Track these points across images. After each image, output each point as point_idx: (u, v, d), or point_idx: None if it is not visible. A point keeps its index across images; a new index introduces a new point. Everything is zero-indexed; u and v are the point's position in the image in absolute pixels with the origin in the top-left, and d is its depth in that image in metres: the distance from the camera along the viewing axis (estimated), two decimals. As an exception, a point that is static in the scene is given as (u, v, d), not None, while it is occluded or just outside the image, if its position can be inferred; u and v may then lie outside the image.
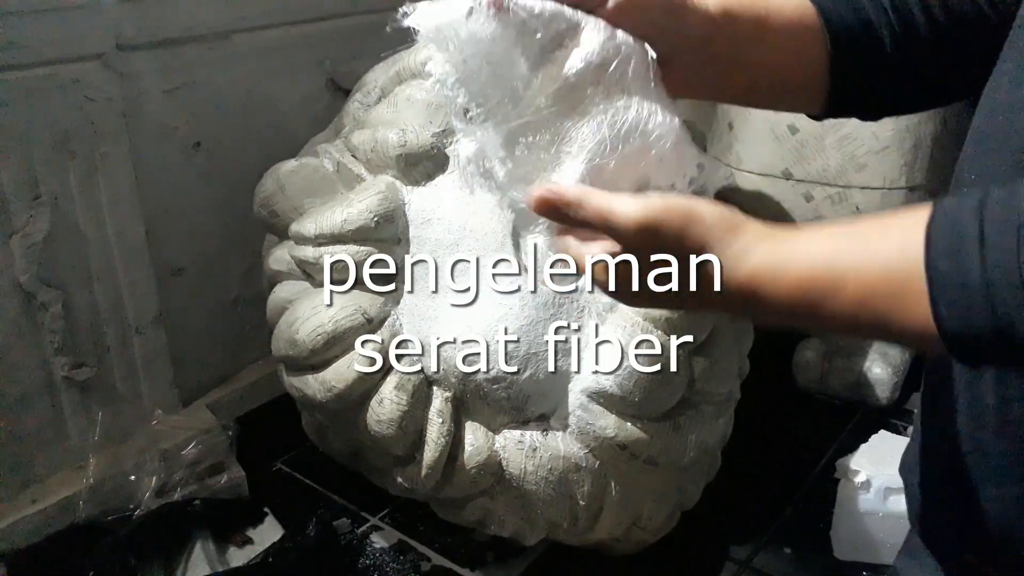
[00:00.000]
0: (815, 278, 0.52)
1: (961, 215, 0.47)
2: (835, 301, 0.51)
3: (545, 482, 1.22)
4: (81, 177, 1.39)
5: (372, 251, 1.23)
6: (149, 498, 1.42)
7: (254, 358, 1.77)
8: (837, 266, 0.51)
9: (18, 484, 1.41)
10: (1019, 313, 0.45)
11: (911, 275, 0.48)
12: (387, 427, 1.20)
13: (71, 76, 1.35)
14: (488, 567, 1.43)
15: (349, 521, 1.53)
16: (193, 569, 1.42)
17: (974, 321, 0.46)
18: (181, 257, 1.61)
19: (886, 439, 1.62)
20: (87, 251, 1.42)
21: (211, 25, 1.56)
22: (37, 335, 1.39)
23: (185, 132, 1.57)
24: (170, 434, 1.51)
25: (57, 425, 1.44)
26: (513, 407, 1.21)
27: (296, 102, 1.74)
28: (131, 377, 1.53)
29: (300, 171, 1.32)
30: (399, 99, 1.30)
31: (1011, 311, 0.45)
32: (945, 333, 0.48)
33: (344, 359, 1.22)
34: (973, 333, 0.47)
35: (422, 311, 1.23)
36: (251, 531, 1.52)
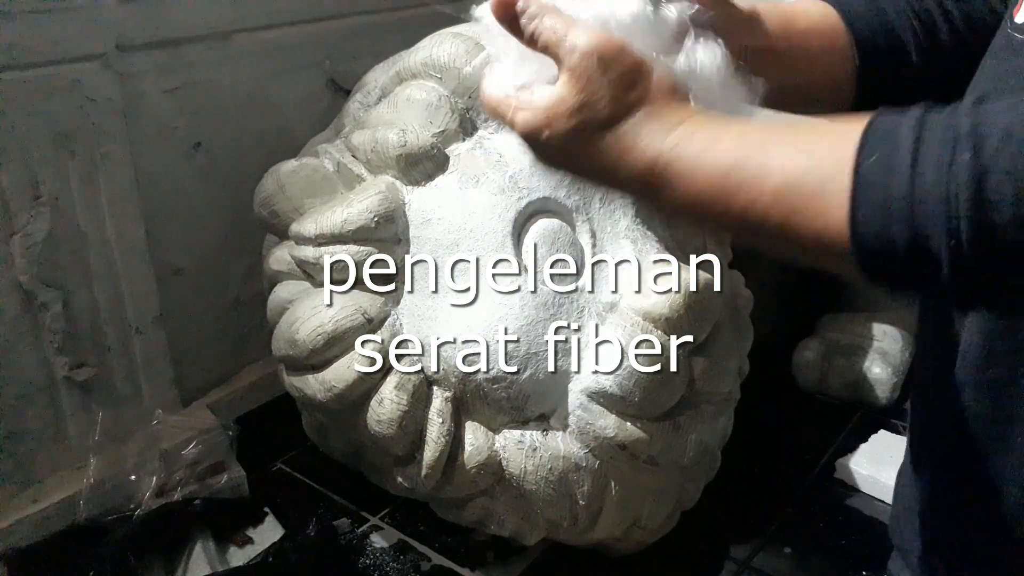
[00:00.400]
0: (741, 159, 0.50)
1: (900, 125, 0.47)
2: (754, 189, 0.49)
3: (545, 482, 1.22)
4: (81, 177, 1.39)
5: (372, 251, 1.23)
6: (149, 498, 1.42)
7: (254, 358, 1.77)
8: (767, 153, 0.49)
9: (18, 484, 1.41)
10: (936, 228, 0.43)
11: (838, 173, 0.47)
12: (387, 427, 1.20)
13: (71, 76, 1.35)
14: (488, 567, 1.43)
15: (349, 521, 1.53)
16: (193, 569, 1.42)
17: (891, 230, 0.45)
18: (181, 257, 1.61)
19: (886, 439, 1.62)
20: (87, 251, 1.42)
21: (211, 25, 1.56)
22: (37, 335, 1.39)
23: (185, 132, 1.57)
24: (170, 434, 1.51)
25: (57, 425, 1.44)
26: (513, 407, 1.21)
27: (296, 102, 1.74)
28: (131, 377, 1.53)
29: (300, 171, 1.32)
30: (399, 99, 1.30)
31: (929, 225, 0.43)
32: (858, 239, 0.47)
33: (344, 359, 1.22)
34: (887, 242, 0.46)
35: (422, 311, 1.23)
36: (251, 531, 1.52)
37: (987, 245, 0.43)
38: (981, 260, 0.43)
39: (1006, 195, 0.41)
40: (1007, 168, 0.41)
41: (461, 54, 1.26)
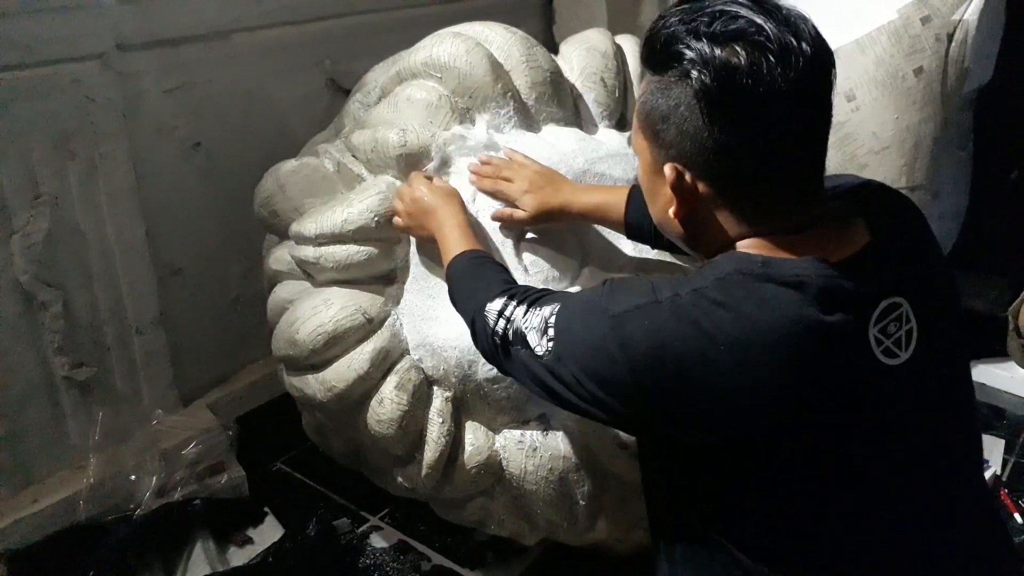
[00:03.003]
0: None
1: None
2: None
3: (545, 482, 1.21)
4: (81, 177, 1.39)
5: (372, 251, 1.23)
6: (149, 498, 1.42)
7: (254, 358, 1.77)
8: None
9: (18, 484, 1.41)
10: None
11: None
12: (387, 427, 1.20)
13: (71, 76, 1.35)
14: (488, 567, 1.43)
15: (349, 521, 1.53)
16: (193, 569, 1.42)
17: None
18: (181, 257, 1.61)
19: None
20: (87, 251, 1.42)
21: (211, 25, 1.56)
22: (37, 335, 1.39)
23: (185, 132, 1.57)
24: (170, 434, 1.51)
25: (57, 425, 1.44)
26: (513, 407, 1.21)
27: (296, 102, 1.74)
28: (131, 377, 1.53)
29: (300, 171, 1.32)
30: (399, 99, 1.30)
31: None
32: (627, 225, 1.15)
33: (344, 359, 1.22)
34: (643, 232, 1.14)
35: (422, 311, 1.23)
36: (251, 531, 1.52)
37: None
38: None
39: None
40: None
41: (461, 54, 1.26)
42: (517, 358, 0.90)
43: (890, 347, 0.76)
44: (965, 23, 1.58)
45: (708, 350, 0.73)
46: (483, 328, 0.96)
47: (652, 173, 0.83)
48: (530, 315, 0.89)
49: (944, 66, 1.60)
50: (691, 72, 0.74)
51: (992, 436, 1.69)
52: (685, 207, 0.81)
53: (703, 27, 0.74)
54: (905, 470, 0.79)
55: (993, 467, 1.57)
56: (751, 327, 0.73)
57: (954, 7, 1.58)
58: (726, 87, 0.73)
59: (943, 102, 1.62)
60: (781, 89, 0.72)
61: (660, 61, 0.78)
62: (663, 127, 0.78)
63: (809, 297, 0.73)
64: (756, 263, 0.76)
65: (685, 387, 0.75)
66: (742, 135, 0.74)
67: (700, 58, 0.73)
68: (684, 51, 0.74)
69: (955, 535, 0.83)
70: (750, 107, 0.73)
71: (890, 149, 1.63)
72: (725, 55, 0.73)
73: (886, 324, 0.76)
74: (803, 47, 0.73)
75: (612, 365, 0.77)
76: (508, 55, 1.30)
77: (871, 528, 0.78)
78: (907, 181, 1.65)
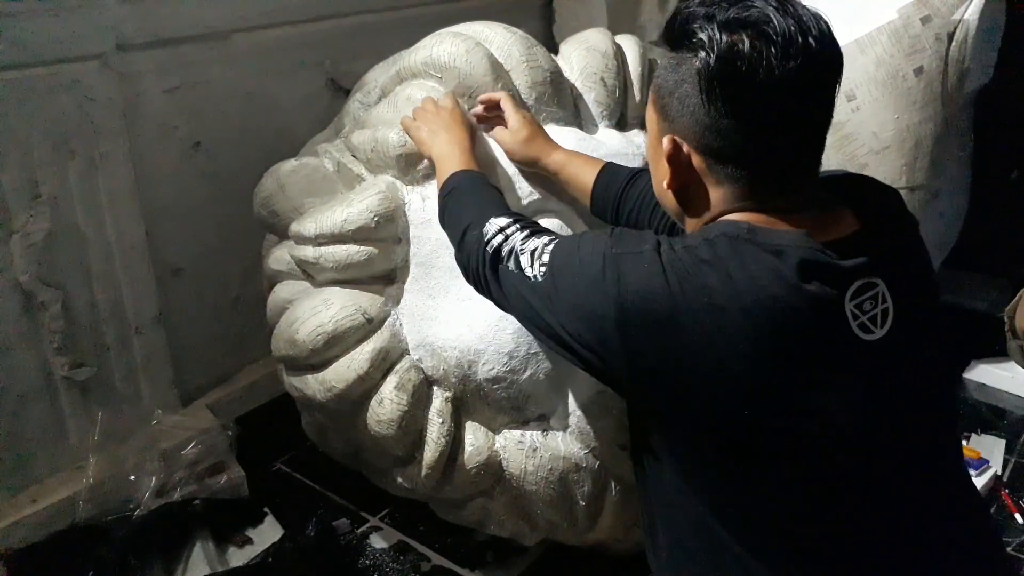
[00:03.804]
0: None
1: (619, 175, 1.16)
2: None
3: (545, 482, 1.21)
4: (81, 177, 1.39)
5: (372, 251, 1.23)
6: (149, 498, 1.41)
7: (254, 358, 1.77)
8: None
9: (18, 484, 1.41)
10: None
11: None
12: (387, 427, 1.20)
13: (71, 76, 1.35)
14: (488, 567, 1.43)
15: (349, 521, 1.53)
16: (193, 569, 1.42)
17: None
18: (181, 257, 1.61)
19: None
20: (87, 251, 1.42)
21: (211, 25, 1.56)
22: (37, 335, 1.39)
23: (185, 132, 1.57)
24: (170, 434, 1.51)
25: (57, 425, 1.44)
26: (513, 407, 1.21)
27: (296, 102, 1.74)
28: (131, 377, 1.53)
29: (300, 171, 1.32)
30: (399, 99, 1.30)
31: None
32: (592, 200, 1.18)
33: (344, 359, 1.22)
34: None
35: (422, 311, 1.23)
36: (251, 531, 1.52)
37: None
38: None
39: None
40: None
41: (461, 54, 1.26)
42: (505, 275, 0.94)
43: (865, 323, 0.79)
44: (965, 23, 1.58)
45: (691, 305, 0.77)
46: (475, 240, 0.98)
47: (655, 145, 0.88)
48: (530, 240, 0.93)
49: (944, 66, 1.60)
50: (699, 52, 0.79)
51: (992, 436, 1.69)
52: (679, 179, 0.85)
53: (719, 13, 0.79)
54: (881, 448, 0.80)
55: (993, 467, 1.57)
56: (731, 287, 0.76)
57: (954, 7, 1.58)
58: (726, 70, 0.77)
59: (943, 102, 1.62)
60: (779, 81, 0.76)
61: (675, 38, 0.83)
62: (668, 101, 0.84)
63: (788, 265, 0.76)
64: (742, 229, 0.80)
65: (665, 338, 0.77)
66: (736, 117, 0.79)
67: (708, 40, 0.78)
68: (696, 31, 0.79)
69: (931, 515, 0.84)
70: (746, 91, 0.77)
71: (890, 149, 1.63)
72: (731, 40, 0.77)
73: (862, 301, 0.79)
74: (808, 42, 0.77)
75: (602, 298, 0.81)
76: (508, 55, 1.30)
77: (846, 504, 0.80)
78: (907, 181, 1.65)
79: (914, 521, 0.82)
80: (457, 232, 1.04)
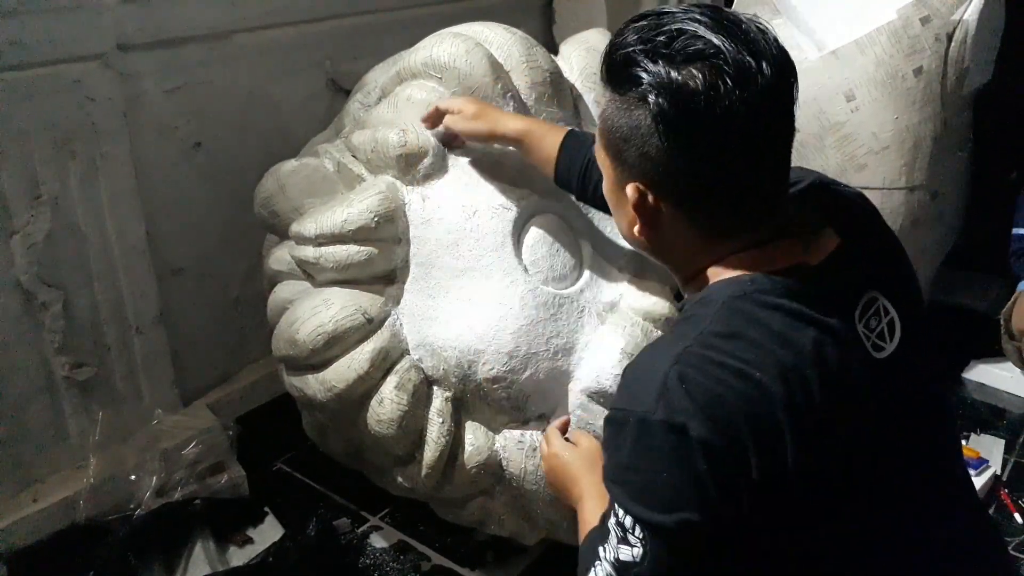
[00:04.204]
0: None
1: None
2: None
3: (545, 482, 1.22)
4: (81, 177, 1.39)
5: (372, 251, 1.23)
6: (149, 498, 1.42)
7: (254, 358, 1.77)
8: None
9: (18, 484, 1.41)
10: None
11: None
12: (387, 427, 1.20)
13: (72, 76, 1.35)
14: (488, 567, 1.43)
15: (349, 521, 1.53)
16: (193, 569, 1.42)
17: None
18: (181, 257, 1.61)
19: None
20: (87, 251, 1.42)
21: (211, 25, 1.56)
22: (37, 335, 1.39)
23: (185, 132, 1.57)
24: (170, 434, 1.51)
25: (57, 425, 1.44)
26: (513, 407, 1.21)
27: (296, 102, 1.74)
28: (131, 377, 1.53)
29: (300, 171, 1.32)
30: (399, 99, 1.30)
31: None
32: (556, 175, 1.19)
33: (344, 359, 1.22)
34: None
35: (422, 311, 1.23)
36: (251, 531, 1.52)
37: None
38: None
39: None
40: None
41: (461, 54, 1.26)
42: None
43: (876, 341, 0.78)
44: (965, 23, 1.58)
45: (743, 382, 0.71)
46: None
47: (616, 190, 0.83)
48: (611, 541, 0.78)
49: (944, 66, 1.60)
50: (648, 96, 0.74)
51: (992, 436, 1.69)
52: (649, 226, 0.81)
53: (661, 48, 0.74)
54: (900, 465, 0.80)
55: (993, 467, 1.57)
56: (762, 353, 0.72)
57: (954, 7, 1.58)
58: (683, 111, 0.73)
59: (943, 102, 1.62)
60: (739, 111, 0.72)
61: (618, 81, 0.78)
62: (625, 147, 0.79)
63: (803, 312, 0.74)
64: (745, 284, 0.76)
65: (745, 428, 0.71)
66: (701, 157, 0.75)
67: (657, 82, 0.73)
68: (641, 74, 0.74)
69: (933, 518, 0.83)
70: (708, 130, 0.73)
71: (890, 149, 1.63)
72: (682, 79, 0.73)
73: (868, 319, 0.78)
74: (762, 66, 0.73)
75: (679, 463, 0.71)
76: (508, 55, 1.30)
77: (853, 510, 0.78)
78: (906, 181, 1.65)
79: (916, 524, 0.82)
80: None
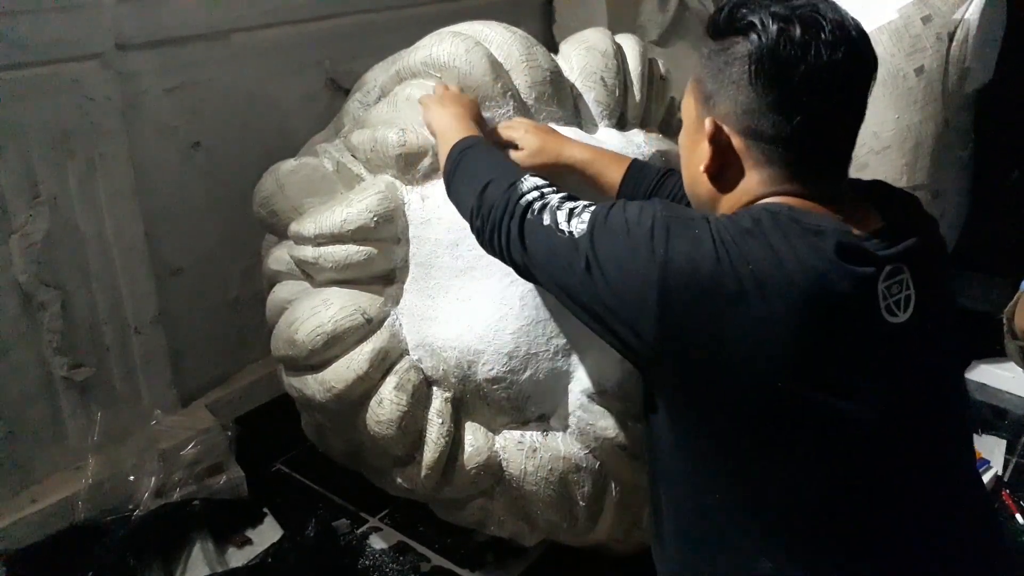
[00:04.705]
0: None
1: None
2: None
3: (545, 483, 1.21)
4: (80, 177, 1.39)
5: (372, 251, 1.23)
6: (148, 498, 1.41)
7: (253, 358, 1.77)
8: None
9: (17, 484, 1.41)
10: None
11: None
12: (387, 427, 1.20)
13: (71, 76, 1.35)
14: (488, 567, 1.42)
15: (349, 521, 1.53)
16: (192, 569, 1.42)
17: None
18: (180, 257, 1.61)
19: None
20: (86, 251, 1.42)
21: (211, 25, 1.56)
22: (36, 335, 1.38)
23: (185, 132, 1.57)
24: (169, 434, 1.51)
25: (56, 425, 1.44)
26: (513, 407, 1.21)
27: (296, 102, 1.74)
28: (130, 377, 1.53)
29: (299, 171, 1.32)
30: (399, 98, 1.29)
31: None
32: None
33: (343, 359, 1.21)
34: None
35: (422, 311, 1.23)
36: (250, 531, 1.52)
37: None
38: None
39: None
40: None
41: (461, 53, 1.26)
42: (536, 229, 0.90)
43: (891, 305, 0.80)
44: (966, 23, 1.58)
45: (736, 273, 0.76)
46: (502, 193, 0.95)
47: (694, 131, 0.89)
48: (567, 201, 0.91)
49: (945, 66, 1.60)
50: (749, 35, 0.82)
51: (993, 436, 1.69)
52: (717, 161, 0.86)
53: (770, 3, 0.82)
54: (894, 434, 0.81)
55: (994, 467, 1.57)
56: (775, 258, 0.77)
57: (955, 7, 1.58)
58: (776, 52, 0.80)
59: (944, 102, 1.62)
60: (824, 65, 0.79)
61: (723, 25, 0.85)
62: (711, 86, 0.86)
63: (828, 244, 0.77)
64: (783, 208, 0.81)
65: (706, 306, 0.77)
66: (782, 99, 0.81)
67: (760, 23, 0.81)
68: (748, 15, 0.82)
69: (938, 508, 0.84)
70: (794, 75, 0.80)
71: (891, 149, 1.62)
72: (783, 25, 0.80)
73: (890, 284, 0.80)
74: (853, 36, 0.81)
75: (647, 259, 0.79)
76: (508, 54, 1.30)
77: (858, 491, 0.80)
78: (908, 181, 1.65)
79: (921, 513, 0.83)
80: (475, 186, 0.99)
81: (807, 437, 0.79)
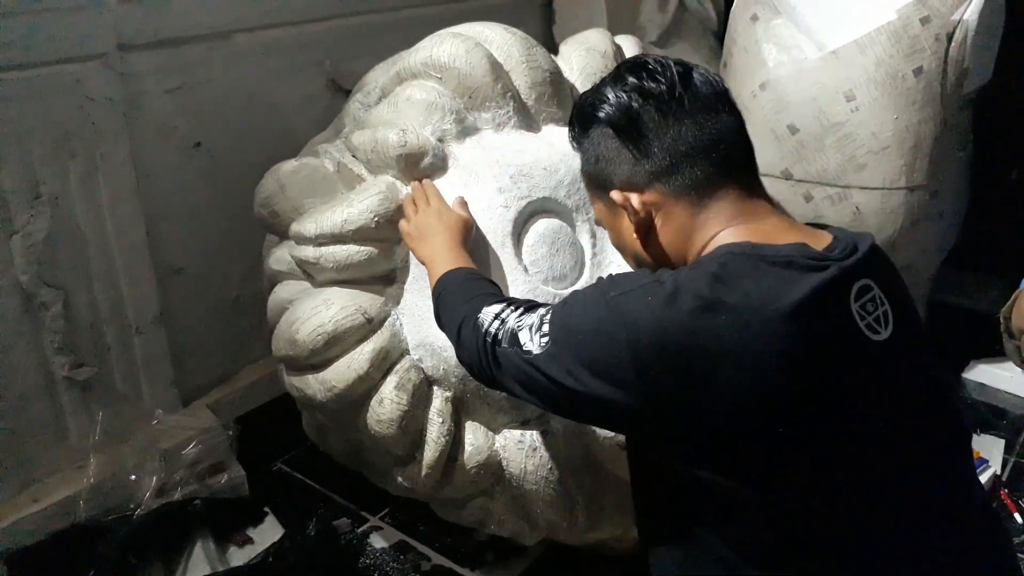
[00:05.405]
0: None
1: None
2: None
3: (545, 482, 1.22)
4: (81, 177, 1.39)
5: (372, 251, 1.23)
6: (149, 498, 1.42)
7: (254, 358, 1.77)
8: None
9: (19, 484, 1.41)
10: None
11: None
12: (387, 427, 1.20)
13: (72, 76, 1.35)
14: (488, 567, 1.43)
15: (349, 521, 1.53)
16: (193, 569, 1.42)
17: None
18: (181, 257, 1.61)
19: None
20: (87, 251, 1.42)
21: (211, 25, 1.56)
22: (37, 335, 1.39)
23: (185, 132, 1.57)
24: (170, 434, 1.51)
25: (57, 425, 1.44)
26: (513, 407, 1.21)
27: (296, 102, 1.74)
28: (131, 377, 1.53)
29: (300, 171, 1.32)
30: (399, 99, 1.30)
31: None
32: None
33: (344, 359, 1.22)
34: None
35: (422, 311, 1.23)
36: (251, 531, 1.52)
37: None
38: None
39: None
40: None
41: (461, 54, 1.26)
42: (506, 360, 0.89)
43: (871, 323, 0.81)
44: (965, 23, 1.58)
45: (710, 325, 0.75)
46: (473, 332, 0.94)
47: (612, 217, 0.93)
48: (525, 316, 0.90)
49: (944, 66, 1.60)
50: (598, 113, 0.90)
51: (992, 436, 1.69)
52: (642, 224, 0.89)
53: (599, 96, 0.91)
54: (894, 455, 0.81)
55: (993, 467, 1.57)
56: (749, 301, 0.76)
57: (953, 7, 1.58)
58: (623, 104, 0.88)
59: (943, 102, 1.62)
60: (669, 88, 0.87)
61: (579, 123, 0.94)
62: (601, 172, 0.91)
63: (799, 273, 0.78)
64: (746, 247, 0.81)
65: (684, 361, 0.76)
66: (652, 139, 0.87)
67: (599, 98, 0.91)
68: (588, 101, 0.93)
69: (939, 524, 0.83)
70: (649, 111, 0.87)
71: (890, 149, 1.63)
72: (614, 82, 0.90)
73: (864, 302, 0.80)
74: (674, 63, 0.89)
75: (612, 346, 0.78)
76: (508, 55, 1.30)
77: (856, 507, 0.79)
78: (907, 181, 1.65)
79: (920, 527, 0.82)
80: (453, 329, 1.00)
81: (803, 466, 0.78)
